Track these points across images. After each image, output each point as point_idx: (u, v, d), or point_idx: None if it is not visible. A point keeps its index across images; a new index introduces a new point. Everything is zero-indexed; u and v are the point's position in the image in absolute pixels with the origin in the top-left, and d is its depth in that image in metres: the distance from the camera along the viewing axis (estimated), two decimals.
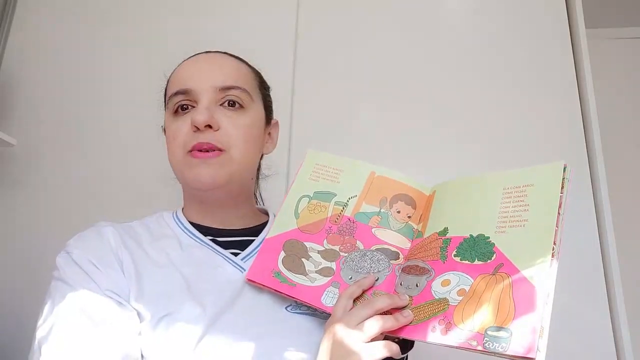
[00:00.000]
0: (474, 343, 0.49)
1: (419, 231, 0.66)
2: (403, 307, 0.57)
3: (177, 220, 0.72)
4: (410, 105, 1.22)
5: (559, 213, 0.53)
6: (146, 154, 1.16)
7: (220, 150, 0.66)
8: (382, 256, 0.64)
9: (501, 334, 0.47)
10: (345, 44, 1.28)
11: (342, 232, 0.67)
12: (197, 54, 0.76)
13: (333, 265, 0.64)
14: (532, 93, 1.21)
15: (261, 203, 0.89)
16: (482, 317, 0.50)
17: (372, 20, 1.30)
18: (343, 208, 0.69)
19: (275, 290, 0.63)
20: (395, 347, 0.54)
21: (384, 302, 0.56)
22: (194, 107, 0.68)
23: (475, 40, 1.26)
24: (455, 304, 0.53)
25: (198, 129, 0.66)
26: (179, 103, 0.69)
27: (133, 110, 1.23)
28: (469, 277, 0.55)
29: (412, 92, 1.23)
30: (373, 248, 0.65)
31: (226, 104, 0.69)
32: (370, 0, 1.31)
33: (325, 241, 0.66)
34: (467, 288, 0.54)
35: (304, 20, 1.30)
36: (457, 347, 0.50)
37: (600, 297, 1.06)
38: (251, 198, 0.79)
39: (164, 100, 0.77)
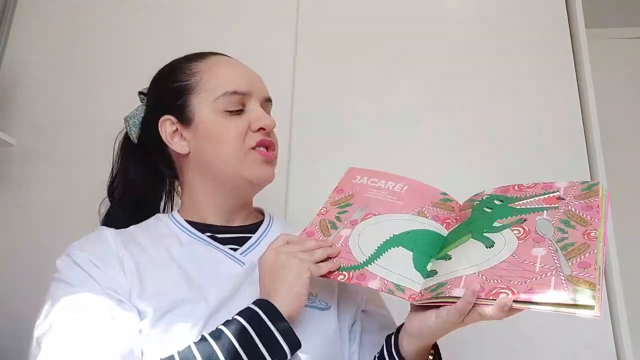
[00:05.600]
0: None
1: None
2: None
3: (174, 220, 0.74)
4: (410, 106, 1.22)
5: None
6: None
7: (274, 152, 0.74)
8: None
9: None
10: (346, 44, 1.28)
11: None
12: (218, 54, 0.77)
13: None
14: (532, 93, 1.21)
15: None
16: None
17: (372, 21, 1.30)
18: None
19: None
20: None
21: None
22: (241, 109, 0.72)
23: (475, 40, 1.26)
24: None
25: (263, 129, 0.72)
26: (234, 104, 0.71)
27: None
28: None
29: (412, 93, 1.23)
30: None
31: None
32: (371, 1, 1.31)
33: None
34: None
35: (304, 20, 1.30)
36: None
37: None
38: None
39: (186, 90, 0.73)
